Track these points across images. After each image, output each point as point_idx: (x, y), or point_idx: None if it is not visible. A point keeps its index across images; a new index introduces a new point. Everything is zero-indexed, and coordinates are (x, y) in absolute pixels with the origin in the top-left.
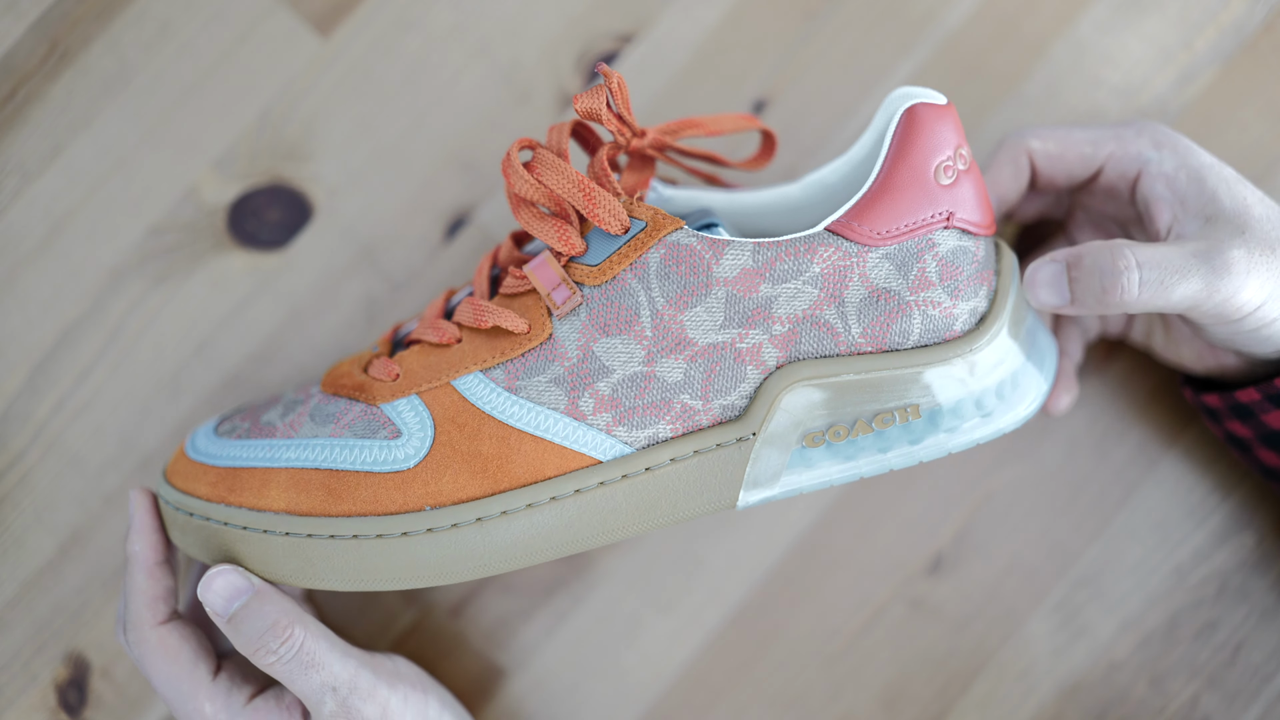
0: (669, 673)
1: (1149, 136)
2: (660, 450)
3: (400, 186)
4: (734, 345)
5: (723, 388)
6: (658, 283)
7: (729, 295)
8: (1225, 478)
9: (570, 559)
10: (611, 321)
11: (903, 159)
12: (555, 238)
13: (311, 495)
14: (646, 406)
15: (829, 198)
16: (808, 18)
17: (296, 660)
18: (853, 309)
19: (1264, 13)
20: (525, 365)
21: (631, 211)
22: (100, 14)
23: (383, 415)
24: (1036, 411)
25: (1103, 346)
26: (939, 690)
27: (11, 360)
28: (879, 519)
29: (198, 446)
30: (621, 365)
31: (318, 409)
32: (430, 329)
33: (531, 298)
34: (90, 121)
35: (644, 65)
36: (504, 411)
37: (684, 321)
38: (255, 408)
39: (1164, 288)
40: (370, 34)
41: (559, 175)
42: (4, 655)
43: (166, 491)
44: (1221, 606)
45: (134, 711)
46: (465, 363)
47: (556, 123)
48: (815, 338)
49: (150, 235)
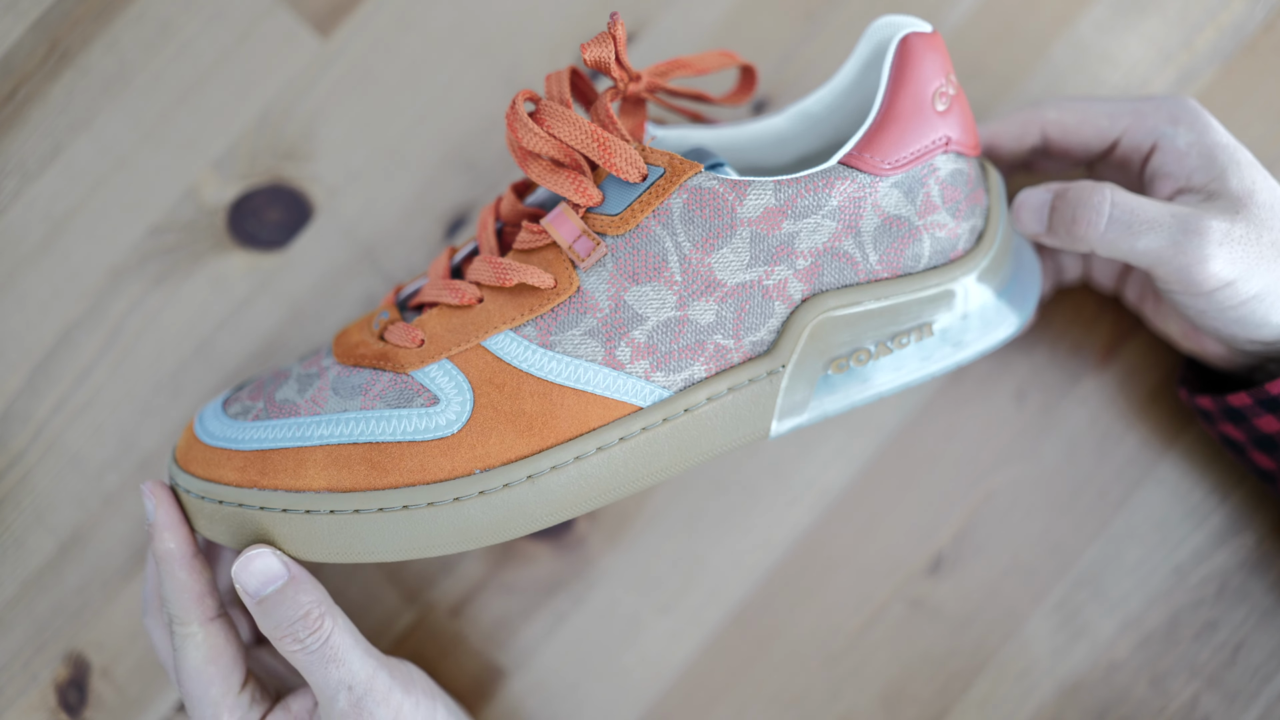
0: (669, 673)
1: (1167, 111)
2: (697, 391)
3: (400, 186)
4: (761, 283)
5: (753, 324)
6: (683, 227)
7: (753, 234)
8: (1225, 478)
9: (570, 559)
10: (640, 269)
11: (902, 88)
12: (571, 189)
13: (354, 471)
14: (682, 350)
15: (812, 127)
16: (808, 18)
17: (320, 652)
18: (869, 238)
19: (1264, 13)
20: (557, 319)
21: (647, 157)
22: (100, 14)
23: (415, 383)
24: (1031, 315)
25: (1102, 347)
26: (939, 690)
27: (11, 360)
28: (879, 519)
29: (210, 430)
30: (655, 312)
31: (339, 381)
32: (446, 289)
33: (551, 251)
34: (90, 121)
35: (644, 65)
36: (542, 368)
37: (711, 264)
38: (261, 383)
39: (1130, 233)
40: (370, 34)
41: (570, 126)
42: (4, 655)
43: (185, 480)
44: (1221, 606)
45: (134, 711)
46: (494, 322)
47: (553, 72)
48: (836, 269)
49: (150, 235)
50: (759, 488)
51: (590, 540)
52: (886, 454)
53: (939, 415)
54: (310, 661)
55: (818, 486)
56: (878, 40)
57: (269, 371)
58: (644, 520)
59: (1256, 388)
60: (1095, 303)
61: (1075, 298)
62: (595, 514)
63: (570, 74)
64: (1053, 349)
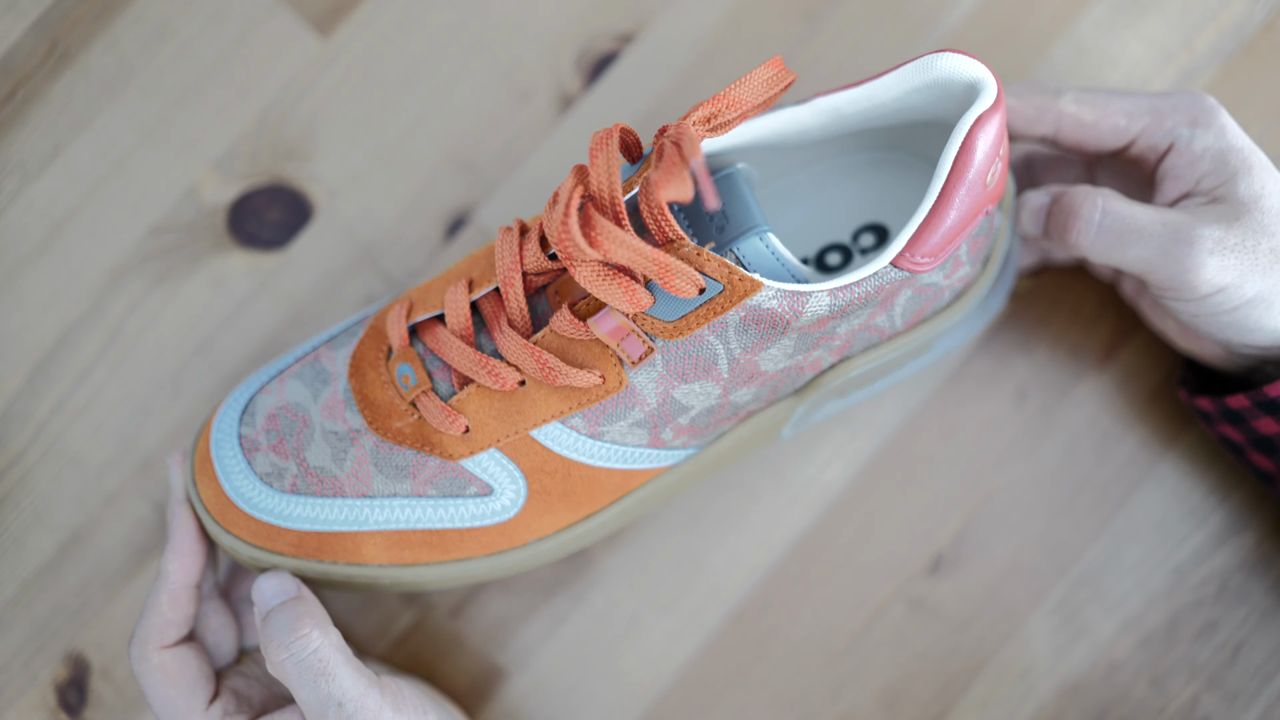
0: (669, 673)
1: (1186, 112)
2: (724, 438)
3: (400, 186)
4: (799, 366)
5: (783, 392)
6: (736, 337)
7: (801, 335)
8: (1225, 478)
9: (570, 559)
10: (690, 370)
11: (961, 183)
12: (624, 299)
13: (414, 550)
14: (719, 421)
15: (838, 122)
16: (808, 18)
17: (308, 663)
18: (899, 311)
19: (1264, 13)
20: (604, 412)
21: (703, 267)
22: (100, 14)
23: (465, 472)
24: (1008, 293)
25: (1102, 347)
26: (939, 690)
27: (11, 360)
28: (879, 519)
29: (245, 495)
30: (699, 402)
31: (381, 458)
32: (484, 371)
33: (598, 344)
34: (90, 121)
35: (644, 65)
36: (589, 455)
37: (758, 360)
38: (279, 427)
39: (1120, 243)
40: (370, 34)
41: (626, 249)
42: (4, 655)
43: (230, 541)
44: (1221, 606)
45: (134, 711)
46: (540, 413)
47: (601, 158)
48: (865, 340)
49: (150, 235)
50: (759, 488)
51: None
52: (886, 454)
53: (939, 415)
54: (300, 674)
55: (818, 486)
56: (933, 78)
57: (276, 395)
58: (644, 520)
59: (1255, 390)
60: (1095, 303)
61: (1075, 298)
62: None
63: (620, 144)
64: (1053, 349)
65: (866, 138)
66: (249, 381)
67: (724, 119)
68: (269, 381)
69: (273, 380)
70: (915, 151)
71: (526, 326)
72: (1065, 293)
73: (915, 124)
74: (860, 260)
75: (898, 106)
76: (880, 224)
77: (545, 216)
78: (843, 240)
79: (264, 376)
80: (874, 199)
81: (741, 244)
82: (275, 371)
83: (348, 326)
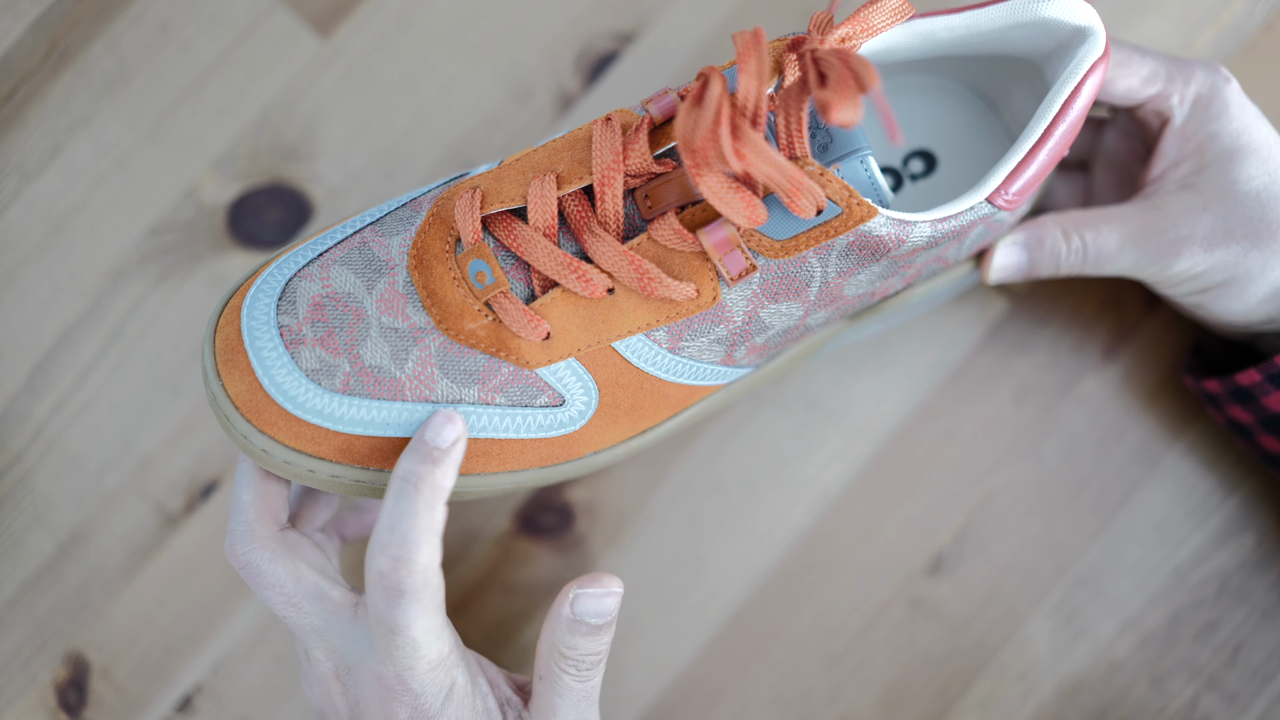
0: (669, 673)
1: (1195, 87)
2: (777, 356)
3: (400, 186)
4: (875, 292)
5: (846, 315)
6: (837, 261)
7: (890, 262)
8: (1225, 478)
9: (570, 559)
10: (782, 290)
11: (1065, 125)
12: (743, 213)
13: (469, 461)
14: (787, 342)
15: (928, 45)
16: (807, 18)
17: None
18: (968, 244)
19: (1264, 13)
20: (689, 328)
21: (826, 189)
22: (100, 14)
23: (539, 381)
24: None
25: (1102, 347)
26: (939, 690)
27: (11, 360)
28: (879, 519)
29: (287, 391)
30: (780, 323)
31: (448, 361)
32: (574, 276)
33: (697, 257)
34: (90, 121)
35: (644, 65)
36: (664, 369)
37: (845, 285)
38: (330, 329)
39: (1097, 266)
40: (370, 34)
41: (769, 163)
42: (4, 655)
43: (263, 441)
44: (1221, 606)
45: (134, 711)
46: (627, 324)
47: (753, 64)
48: (932, 269)
49: (150, 235)
50: (759, 488)
51: (590, 540)
52: (886, 454)
53: (939, 416)
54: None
55: (818, 486)
56: (1042, 16)
57: (318, 282)
58: (644, 520)
59: (1266, 362)
60: (1095, 303)
61: (1075, 298)
62: (595, 514)
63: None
64: (1053, 349)
65: (921, 62)
66: (280, 263)
67: (856, 42)
68: (307, 265)
69: (311, 264)
70: (963, 81)
71: (620, 231)
72: (1065, 293)
73: (994, 56)
74: (910, 186)
75: (995, 39)
76: (928, 150)
77: (683, 120)
78: (893, 164)
79: (299, 258)
80: (922, 125)
81: (843, 166)
82: (313, 254)
83: (394, 209)
